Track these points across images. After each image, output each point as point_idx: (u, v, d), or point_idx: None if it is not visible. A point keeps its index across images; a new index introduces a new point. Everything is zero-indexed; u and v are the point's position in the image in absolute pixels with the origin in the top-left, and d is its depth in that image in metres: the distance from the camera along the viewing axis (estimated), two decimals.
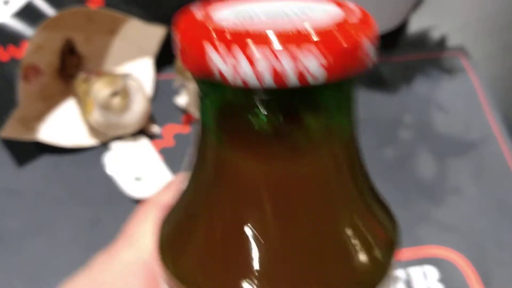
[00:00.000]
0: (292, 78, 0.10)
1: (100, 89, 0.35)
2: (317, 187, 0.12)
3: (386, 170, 0.39)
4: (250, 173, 0.12)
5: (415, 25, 0.49)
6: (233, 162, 0.12)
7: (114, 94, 0.35)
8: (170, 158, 0.39)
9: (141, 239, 0.18)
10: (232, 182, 0.13)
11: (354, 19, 0.11)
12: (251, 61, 0.10)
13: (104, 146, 0.39)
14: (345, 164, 0.13)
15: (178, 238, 0.14)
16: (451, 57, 0.46)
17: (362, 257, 0.13)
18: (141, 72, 0.42)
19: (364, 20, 0.12)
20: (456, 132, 0.41)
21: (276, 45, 0.10)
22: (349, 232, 0.13)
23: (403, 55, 0.46)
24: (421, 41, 0.48)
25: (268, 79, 0.10)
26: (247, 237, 0.12)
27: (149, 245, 0.17)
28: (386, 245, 0.14)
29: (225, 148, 0.12)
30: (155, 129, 0.40)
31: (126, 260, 0.18)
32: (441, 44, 0.47)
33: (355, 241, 0.13)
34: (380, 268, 0.14)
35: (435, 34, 0.48)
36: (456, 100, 0.43)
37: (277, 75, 0.10)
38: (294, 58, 0.10)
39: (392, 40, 0.48)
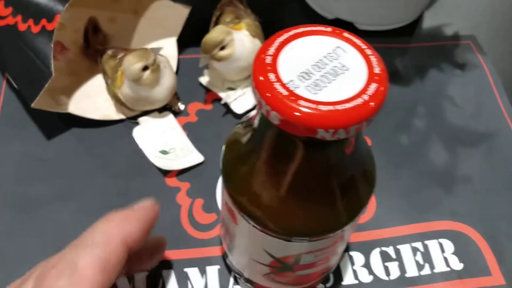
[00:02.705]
0: (338, 136, 0.19)
1: (132, 63, 0.36)
2: (326, 172, 0.23)
3: (405, 151, 0.40)
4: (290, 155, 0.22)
5: (428, 22, 0.50)
6: (281, 150, 0.22)
7: (145, 68, 0.36)
8: (193, 132, 0.40)
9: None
10: (279, 155, 0.22)
11: (371, 90, 0.19)
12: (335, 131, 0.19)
13: (130, 120, 0.40)
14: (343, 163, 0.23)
15: (235, 168, 0.25)
16: (464, 48, 0.48)
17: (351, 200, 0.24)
18: (165, 51, 0.43)
19: (376, 93, 0.19)
20: (469, 120, 0.43)
21: (340, 126, 0.19)
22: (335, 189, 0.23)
23: (417, 44, 0.48)
24: (434, 35, 0.50)
25: (333, 136, 0.19)
26: (278, 182, 0.23)
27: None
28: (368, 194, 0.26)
29: (281, 145, 0.22)
30: (182, 106, 0.41)
31: None
32: (453, 37, 0.49)
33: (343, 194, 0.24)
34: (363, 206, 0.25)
35: (448, 31, 0.49)
36: (469, 90, 0.45)
37: (334, 135, 0.19)
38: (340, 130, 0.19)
39: (406, 33, 0.49)
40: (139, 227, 0.23)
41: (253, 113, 0.25)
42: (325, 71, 0.20)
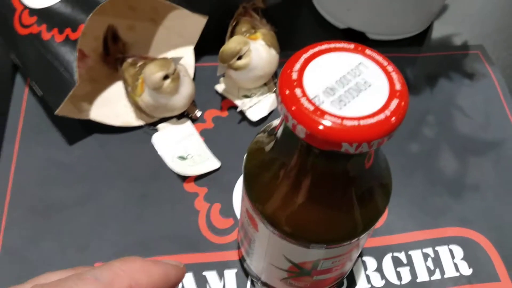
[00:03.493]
0: (361, 150, 0.20)
1: (153, 72, 0.37)
2: (346, 181, 0.24)
3: (417, 157, 0.41)
4: (310, 168, 0.23)
5: (437, 32, 0.52)
6: (304, 161, 0.23)
7: (166, 77, 0.38)
8: (210, 138, 0.41)
9: None
10: (301, 166, 0.23)
11: (393, 105, 0.20)
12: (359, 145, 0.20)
13: (149, 127, 0.42)
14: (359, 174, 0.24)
15: (257, 176, 0.26)
16: (473, 58, 0.49)
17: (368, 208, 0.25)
18: (183, 59, 0.44)
19: (397, 109, 0.20)
20: (478, 129, 0.44)
21: (364, 141, 0.20)
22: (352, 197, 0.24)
23: (426, 54, 0.49)
24: (443, 45, 0.51)
25: (356, 150, 0.20)
26: (297, 191, 0.24)
27: None
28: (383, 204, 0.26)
29: (304, 156, 0.23)
30: (199, 113, 0.42)
31: None
32: (462, 47, 0.50)
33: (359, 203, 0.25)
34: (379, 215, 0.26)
35: (457, 41, 0.51)
36: (478, 100, 0.46)
37: (358, 149, 0.20)
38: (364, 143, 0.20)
39: (416, 43, 0.50)
40: (152, 281, 0.23)
41: (275, 123, 0.26)
42: (348, 87, 0.21)
